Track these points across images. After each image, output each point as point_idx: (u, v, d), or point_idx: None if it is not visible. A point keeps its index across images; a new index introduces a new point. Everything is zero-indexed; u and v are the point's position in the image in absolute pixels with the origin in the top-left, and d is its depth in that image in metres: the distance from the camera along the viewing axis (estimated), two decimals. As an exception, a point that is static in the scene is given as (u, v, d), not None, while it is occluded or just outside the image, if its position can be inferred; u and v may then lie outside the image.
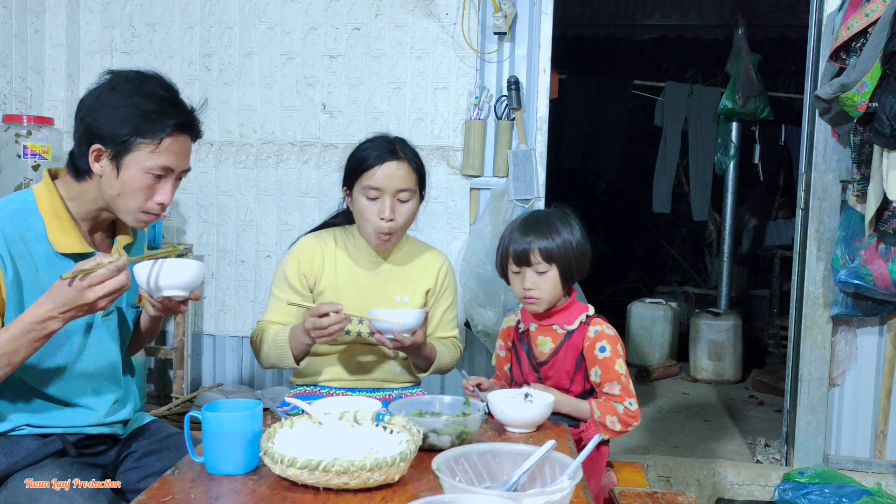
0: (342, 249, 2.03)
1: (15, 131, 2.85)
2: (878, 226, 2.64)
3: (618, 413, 1.84)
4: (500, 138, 3.10)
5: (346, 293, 1.98)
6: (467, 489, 1.07)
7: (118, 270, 1.37)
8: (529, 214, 1.95)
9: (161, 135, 1.50)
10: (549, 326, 1.92)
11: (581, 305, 1.94)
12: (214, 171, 3.33)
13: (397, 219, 1.92)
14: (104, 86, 1.53)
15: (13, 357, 1.40)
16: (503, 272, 1.94)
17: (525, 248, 1.85)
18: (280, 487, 1.23)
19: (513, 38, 3.12)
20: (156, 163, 1.51)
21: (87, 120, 1.51)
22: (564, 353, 1.89)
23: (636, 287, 6.66)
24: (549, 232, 1.86)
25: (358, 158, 1.95)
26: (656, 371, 4.91)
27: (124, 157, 1.50)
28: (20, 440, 1.54)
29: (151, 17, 3.34)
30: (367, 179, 1.91)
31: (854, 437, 3.04)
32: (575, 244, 1.87)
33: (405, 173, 1.92)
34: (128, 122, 1.48)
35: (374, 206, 1.91)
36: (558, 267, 1.85)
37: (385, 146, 1.94)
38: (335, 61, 3.23)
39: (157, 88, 1.54)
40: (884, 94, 2.43)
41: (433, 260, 2.09)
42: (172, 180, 1.57)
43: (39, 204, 1.54)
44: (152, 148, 1.50)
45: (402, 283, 2.03)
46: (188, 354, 3.30)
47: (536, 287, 1.86)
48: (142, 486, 1.57)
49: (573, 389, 1.90)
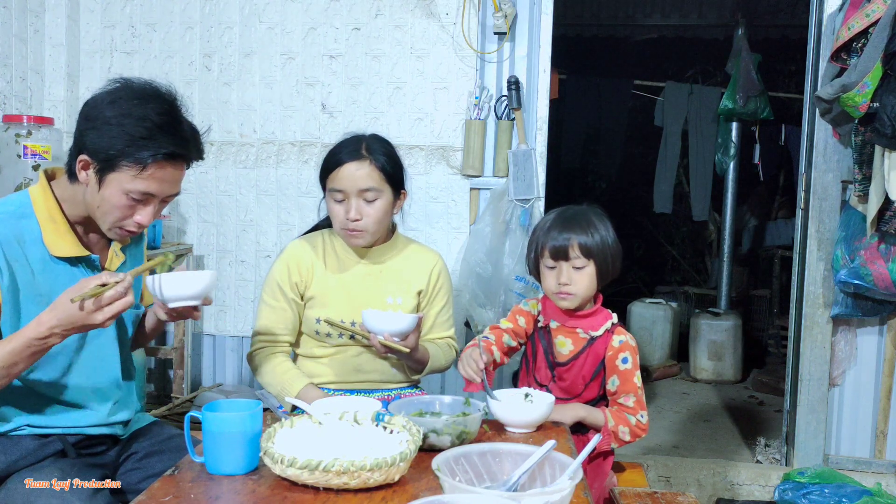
0: (331, 252, 2.02)
1: (15, 131, 2.85)
2: (880, 226, 2.64)
3: (630, 424, 1.83)
4: (500, 138, 3.10)
5: (337, 295, 1.97)
6: (467, 489, 1.07)
7: (125, 291, 1.39)
8: (565, 210, 1.92)
9: (146, 162, 1.46)
10: (573, 329, 1.89)
11: (606, 313, 1.91)
12: (214, 171, 3.33)
13: (364, 219, 1.90)
14: (106, 96, 1.50)
15: (11, 370, 1.41)
16: (535, 267, 1.92)
17: (564, 243, 1.82)
18: (280, 487, 1.23)
19: (513, 38, 3.12)
20: (136, 187, 1.48)
21: (81, 128, 1.50)
22: (585, 358, 1.87)
23: (636, 287, 6.65)
24: (588, 227, 1.84)
25: (326, 159, 1.94)
26: (656, 371, 4.91)
27: (107, 173, 1.48)
28: (20, 440, 1.54)
29: (151, 17, 3.34)
30: (332, 181, 1.90)
31: (854, 437, 3.04)
32: (611, 242, 1.86)
33: (366, 173, 1.88)
34: (115, 142, 1.45)
35: (340, 207, 1.91)
36: (596, 263, 1.83)
37: (350, 146, 1.92)
38: (335, 61, 3.23)
39: (152, 113, 1.47)
40: (885, 94, 2.43)
41: (426, 260, 2.07)
42: (155, 203, 1.54)
43: (35, 207, 1.54)
44: (135, 172, 1.47)
45: (394, 284, 2.01)
46: (188, 354, 3.30)
47: (572, 282, 1.83)
48: (142, 486, 1.56)
49: (586, 395, 1.89)
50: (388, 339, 1.79)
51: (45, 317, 1.39)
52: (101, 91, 1.52)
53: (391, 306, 1.98)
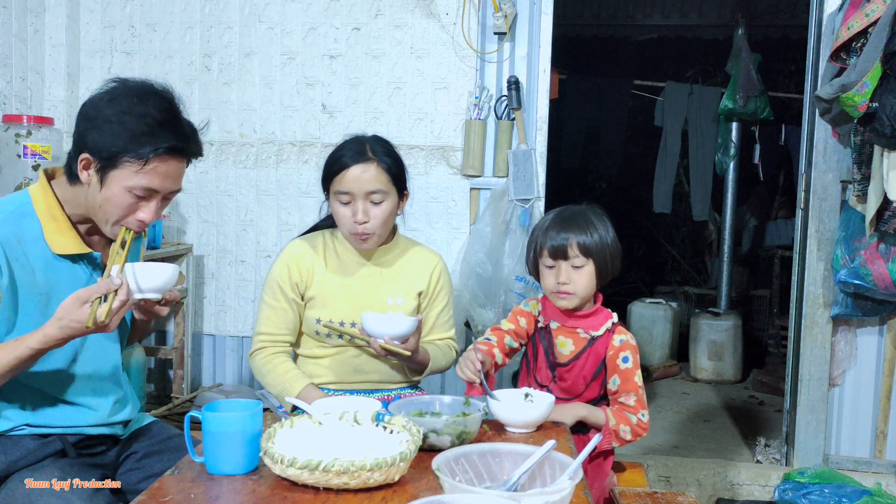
0: (332, 252, 2.01)
1: (15, 131, 2.85)
2: (879, 226, 2.64)
3: (631, 423, 1.83)
4: (500, 138, 3.10)
5: (337, 296, 1.97)
6: (467, 489, 1.07)
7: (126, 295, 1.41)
8: (563, 209, 1.92)
9: (147, 156, 1.47)
10: (573, 329, 1.89)
11: (606, 312, 1.91)
12: (214, 170, 3.33)
13: (371, 220, 1.89)
14: (104, 96, 1.51)
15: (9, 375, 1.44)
16: (534, 267, 1.92)
17: (563, 242, 1.83)
18: (280, 487, 1.23)
19: (513, 38, 3.12)
20: (138, 183, 1.48)
21: (81, 128, 1.50)
22: (586, 358, 1.87)
23: (636, 287, 6.65)
24: (587, 226, 1.84)
25: (329, 162, 1.93)
26: (656, 371, 4.91)
27: (109, 171, 1.48)
28: (19, 440, 1.54)
29: (151, 17, 3.34)
30: (338, 184, 1.89)
31: (854, 437, 3.04)
32: (610, 241, 1.86)
33: (374, 175, 1.88)
34: (116, 139, 1.46)
35: (347, 209, 1.90)
36: (595, 262, 1.83)
37: (355, 147, 1.91)
38: (335, 61, 3.23)
39: (152, 109, 1.49)
40: (884, 94, 2.43)
41: (426, 261, 2.06)
42: (158, 200, 1.54)
43: (35, 205, 1.54)
44: (137, 168, 1.47)
45: (394, 285, 2.01)
46: (188, 354, 3.30)
47: (571, 281, 1.83)
48: (142, 486, 1.56)
49: (587, 395, 1.89)
50: (389, 343, 1.79)
51: (50, 328, 1.40)
52: (98, 91, 1.52)
53: (391, 307, 1.97)
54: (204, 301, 3.39)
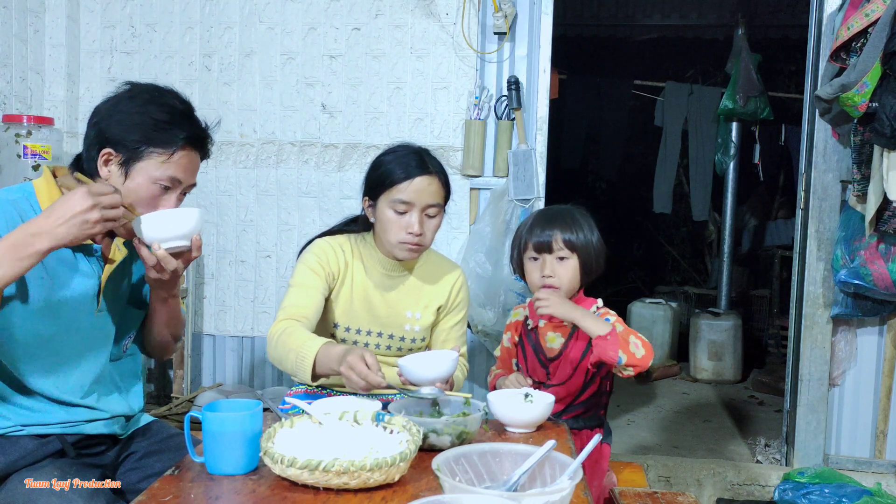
0: (357, 259, 1.97)
1: (15, 131, 2.85)
2: (879, 226, 2.64)
3: (638, 339, 1.77)
4: (500, 138, 3.10)
5: (357, 305, 1.95)
6: (467, 489, 1.07)
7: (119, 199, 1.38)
8: (548, 209, 1.94)
9: (174, 147, 1.50)
10: (560, 323, 1.90)
11: (590, 300, 1.93)
12: (214, 171, 3.33)
13: (426, 233, 1.88)
14: (122, 94, 1.54)
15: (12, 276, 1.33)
16: (519, 264, 1.93)
17: (547, 238, 1.84)
18: (280, 487, 1.23)
19: (513, 38, 3.12)
20: (165, 173, 1.51)
21: (102, 125, 1.52)
22: (573, 343, 1.89)
23: (636, 287, 6.65)
24: (572, 223, 1.86)
25: (386, 170, 1.88)
26: (656, 371, 4.90)
27: (134, 164, 1.50)
28: (18, 440, 1.53)
29: (151, 17, 3.34)
30: (397, 193, 1.85)
31: (854, 437, 3.04)
32: (594, 239, 1.88)
33: (436, 189, 1.89)
34: (140, 129, 1.49)
35: (401, 219, 1.86)
36: (579, 257, 1.85)
37: (414, 159, 1.88)
38: (335, 61, 3.23)
39: (173, 101, 1.55)
40: (884, 94, 2.43)
41: (448, 276, 2.03)
42: (178, 194, 1.56)
43: (39, 196, 1.54)
44: (164, 158, 1.50)
45: (414, 299, 1.99)
46: (188, 354, 3.30)
47: (556, 274, 1.84)
48: (142, 486, 1.56)
49: (574, 380, 1.89)
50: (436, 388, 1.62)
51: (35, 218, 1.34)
52: (113, 93, 1.55)
53: (410, 321, 1.97)
54: (204, 301, 3.39)
